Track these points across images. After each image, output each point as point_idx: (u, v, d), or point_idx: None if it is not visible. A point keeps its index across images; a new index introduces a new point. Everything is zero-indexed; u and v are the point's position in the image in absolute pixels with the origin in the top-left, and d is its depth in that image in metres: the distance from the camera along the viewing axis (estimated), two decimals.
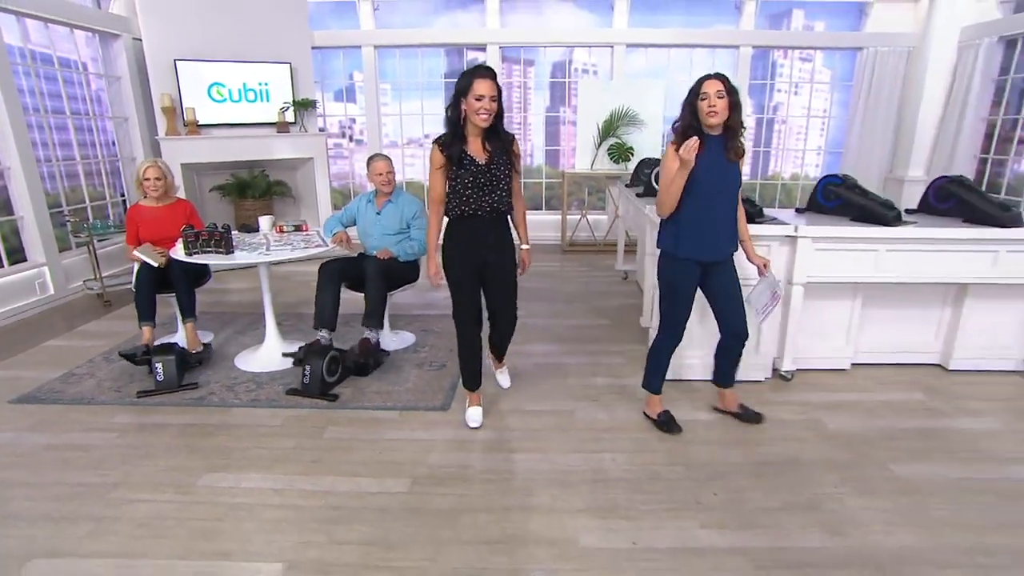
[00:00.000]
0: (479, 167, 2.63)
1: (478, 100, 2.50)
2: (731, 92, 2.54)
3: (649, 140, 6.76)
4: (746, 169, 7.45)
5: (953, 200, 3.60)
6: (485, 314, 3.05)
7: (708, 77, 2.59)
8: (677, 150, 2.52)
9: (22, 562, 2.04)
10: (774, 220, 3.36)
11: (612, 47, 7.00)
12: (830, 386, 3.47)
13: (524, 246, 2.98)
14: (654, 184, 4.26)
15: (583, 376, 3.60)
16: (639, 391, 3.13)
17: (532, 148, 7.59)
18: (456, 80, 2.58)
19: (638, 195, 4.51)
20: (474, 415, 2.98)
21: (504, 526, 2.24)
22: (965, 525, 2.28)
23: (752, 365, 3.42)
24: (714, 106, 2.51)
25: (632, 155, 6.58)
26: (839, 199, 3.56)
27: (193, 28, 5.81)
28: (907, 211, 3.87)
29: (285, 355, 3.61)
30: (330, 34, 7.02)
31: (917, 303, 3.68)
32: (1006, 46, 6.32)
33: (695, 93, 2.59)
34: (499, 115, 2.60)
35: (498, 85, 2.55)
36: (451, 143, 2.61)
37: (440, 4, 7.15)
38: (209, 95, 5.98)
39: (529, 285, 5.39)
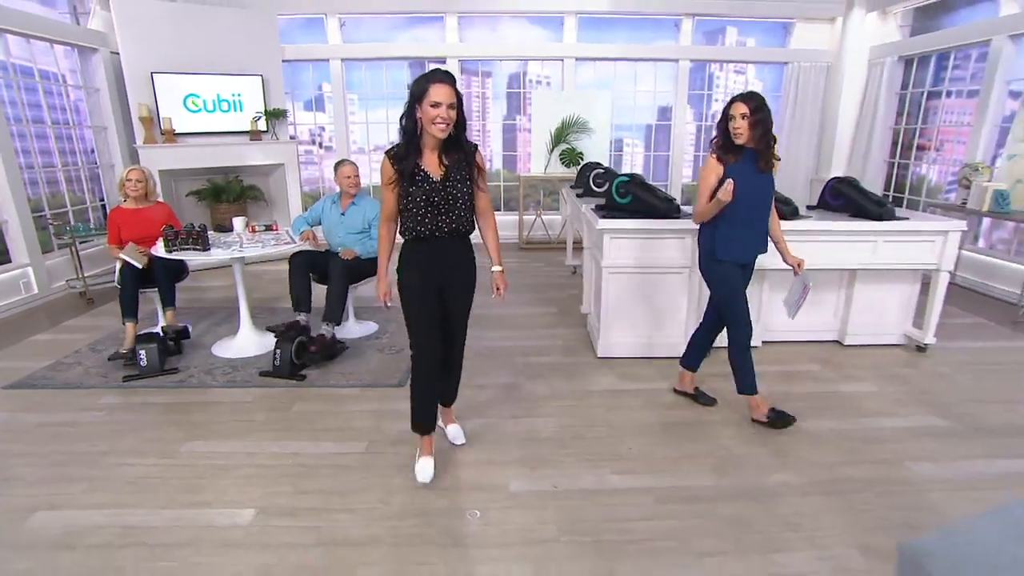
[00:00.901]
0: (433, 184, 2.23)
1: (434, 107, 2.12)
2: (756, 112, 2.62)
3: (598, 145, 7.12)
4: (687, 171, 7.98)
5: (843, 198, 4.02)
6: None
7: (736, 99, 2.68)
8: (718, 160, 2.74)
9: (28, 514, 2.28)
10: (688, 216, 3.73)
11: (563, 60, 7.36)
12: None
13: (496, 268, 2.54)
14: (592, 186, 4.60)
15: (528, 355, 3.92)
16: (576, 367, 3.46)
17: (491, 154, 7.91)
18: (412, 85, 2.20)
19: (578, 195, 4.84)
20: (425, 468, 2.49)
21: (446, 476, 2.55)
22: (830, 464, 2.67)
23: (673, 344, 3.79)
24: (738, 128, 2.63)
25: (582, 159, 6.92)
26: None
27: (169, 43, 5.96)
28: (808, 207, 4.29)
29: (268, 328, 3.86)
30: (300, 48, 7.23)
31: (817, 287, 4.08)
32: (906, 64, 6.86)
33: (725, 114, 2.70)
34: (460, 125, 2.23)
35: (457, 92, 2.19)
36: (404, 156, 2.22)
37: (403, 20, 7.41)
38: (185, 105, 6.14)
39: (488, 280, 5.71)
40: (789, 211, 3.74)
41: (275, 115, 6.61)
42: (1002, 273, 5.45)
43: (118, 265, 3.99)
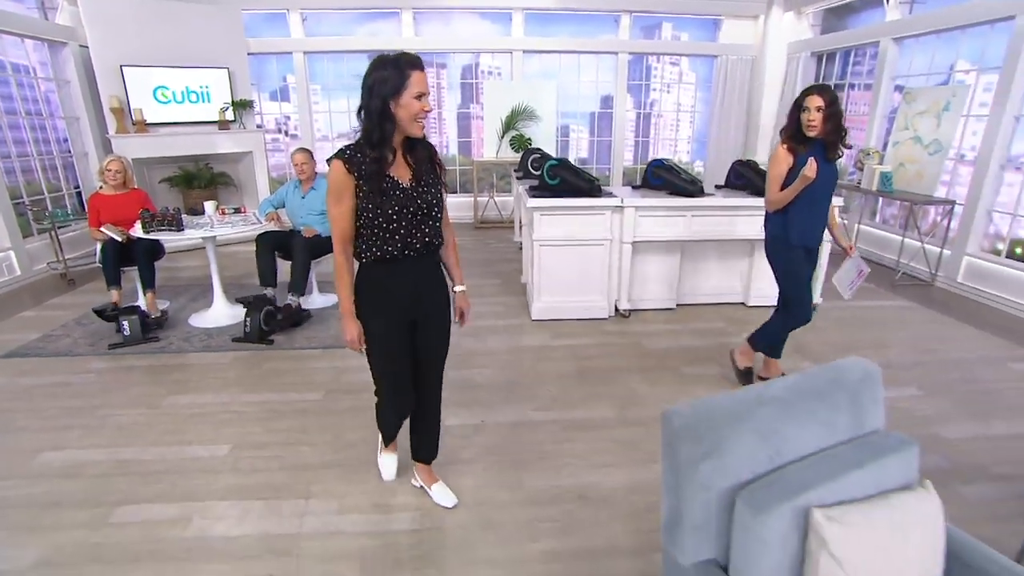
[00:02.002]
0: (405, 192, 1.80)
1: (419, 99, 1.72)
2: (831, 104, 2.59)
3: (545, 132, 7.46)
4: (628, 155, 8.40)
5: (743, 178, 4.48)
6: None
7: (811, 91, 2.64)
8: (789, 151, 2.71)
9: (35, 454, 2.59)
10: (609, 194, 4.13)
11: (511, 53, 7.65)
12: (656, 320, 4.31)
13: (459, 288, 2.10)
14: (530, 169, 4.96)
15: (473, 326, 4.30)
16: (512, 328, 3.86)
17: (447, 140, 8.20)
18: (372, 74, 1.69)
19: (519, 178, 5.21)
20: (389, 464, 2.37)
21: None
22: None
23: (597, 307, 4.22)
24: (812, 120, 2.60)
25: (530, 145, 7.26)
26: (660, 178, 4.36)
27: (136, 37, 6.06)
28: (716, 187, 4.73)
29: (238, 299, 4.14)
30: (264, 41, 7.36)
31: (726, 256, 4.56)
32: (818, 59, 7.37)
33: (798, 105, 2.66)
34: None
35: None
36: (373, 162, 1.73)
37: (362, 15, 7.60)
38: (155, 97, 6.26)
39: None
40: (695, 190, 4.18)
41: (242, 105, 6.77)
42: (888, 243, 6.04)
43: (99, 246, 4.21)
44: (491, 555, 2.01)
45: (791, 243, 2.86)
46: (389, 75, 1.68)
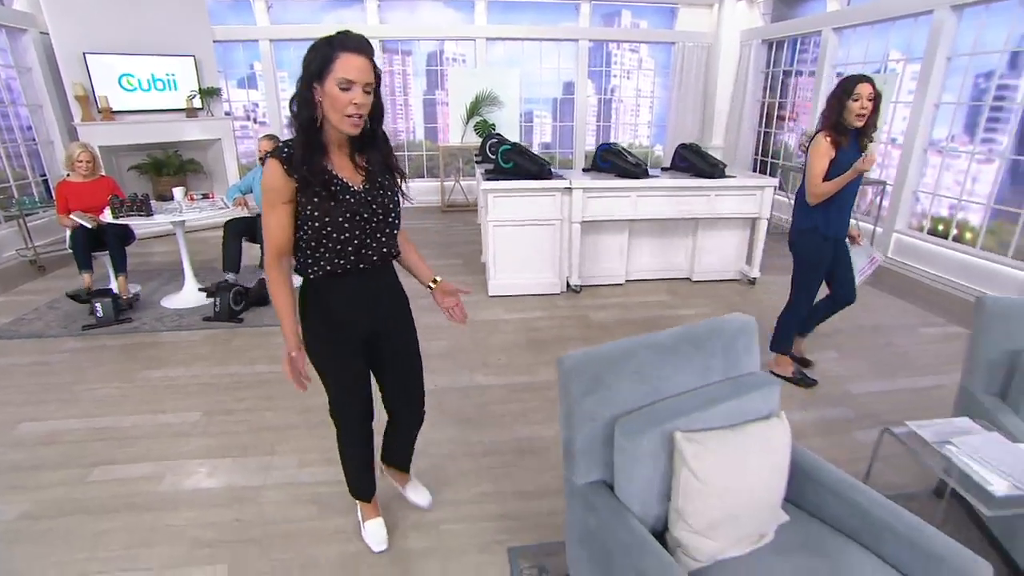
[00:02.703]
0: (357, 196, 1.53)
1: (344, 90, 1.39)
2: (878, 95, 2.60)
3: (509, 118, 7.63)
4: (591, 139, 8.60)
5: (687, 161, 4.73)
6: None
7: (861, 80, 2.58)
8: (832, 143, 2.65)
9: (15, 425, 2.75)
10: (559, 177, 4.35)
11: (475, 40, 7.77)
12: (605, 294, 4.57)
13: (437, 278, 1.92)
14: (488, 154, 5.13)
15: (430, 297, 4.50)
16: (469, 303, 4.02)
17: (413, 125, 8.32)
18: (309, 52, 1.42)
19: (478, 162, 5.40)
20: (376, 533, 2.00)
21: None
22: None
23: (550, 283, 4.46)
24: (865, 108, 2.57)
25: (494, 130, 7.43)
26: (608, 162, 4.59)
27: (99, 24, 6.03)
28: (663, 169, 4.98)
29: (200, 289, 4.29)
30: (229, 29, 7.36)
31: (671, 234, 4.83)
32: (769, 47, 7.63)
33: (847, 92, 2.59)
34: (378, 115, 1.53)
35: (376, 68, 1.46)
36: (306, 158, 1.45)
37: (327, 3, 7.64)
38: (120, 84, 6.26)
39: (413, 239, 6.25)
40: (640, 172, 4.42)
41: (209, 93, 6.79)
42: None
43: (68, 232, 4.30)
44: (438, 497, 2.24)
45: (827, 235, 2.85)
46: (318, 55, 1.39)
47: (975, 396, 2.12)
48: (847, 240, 3.03)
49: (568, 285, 4.58)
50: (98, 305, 3.91)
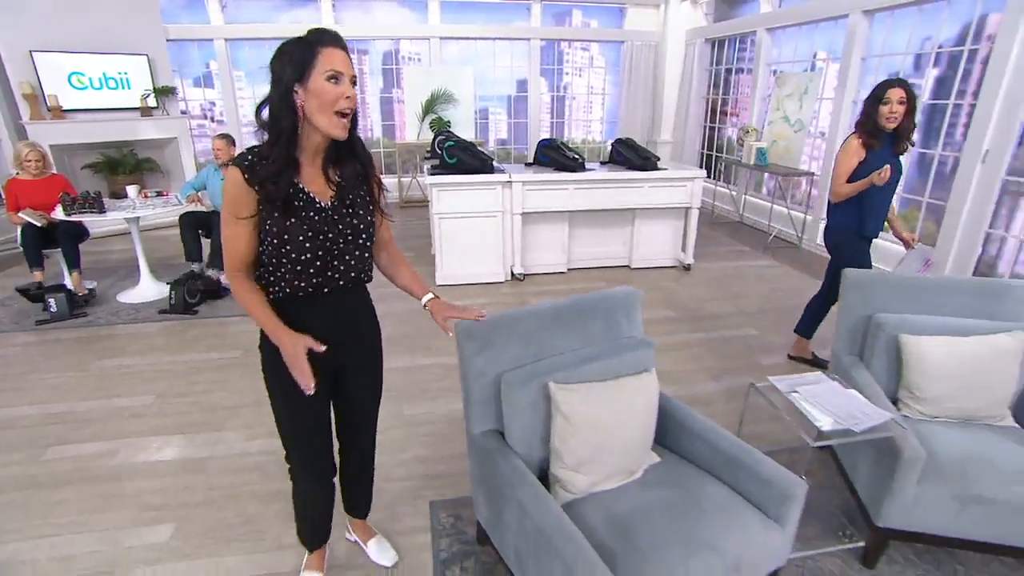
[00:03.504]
0: (324, 213, 1.40)
1: (332, 81, 1.28)
2: (911, 98, 2.61)
3: (464, 115, 7.82)
4: (544, 134, 8.86)
5: (622, 155, 5.03)
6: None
7: (892, 84, 2.63)
8: (863, 145, 2.75)
9: None
10: (500, 171, 4.59)
11: (429, 40, 7.96)
12: (547, 282, 4.84)
13: (428, 297, 1.67)
14: (437, 150, 5.34)
15: (380, 287, 4.70)
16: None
17: (371, 123, 8.47)
18: (276, 58, 1.29)
19: (426, 158, 5.61)
20: None
21: None
22: None
23: (494, 272, 4.71)
24: (894, 112, 2.61)
25: (449, 127, 7.63)
26: (548, 156, 4.86)
27: (46, 22, 6.00)
28: (601, 163, 5.26)
29: (168, 283, 4.40)
30: (183, 28, 7.40)
31: (610, 224, 5.12)
32: (712, 45, 8.00)
33: (878, 98, 2.65)
34: (355, 121, 1.40)
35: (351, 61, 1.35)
36: (277, 170, 1.32)
37: (282, 2, 7.72)
38: (70, 83, 6.25)
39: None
40: (577, 166, 4.69)
41: (163, 92, 6.83)
42: (766, 211, 6.78)
43: (19, 229, 4.37)
44: (376, 460, 2.47)
45: (864, 234, 2.91)
46: (292, 54, 1.26)
47: (840, 357, 2.44)
48: (903, 244, 3.07)
49: (512, 274, 4.84)
50: (51, 300, 4.01)
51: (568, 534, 1.40)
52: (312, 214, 1.38)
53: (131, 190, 4.76)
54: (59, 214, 4.15)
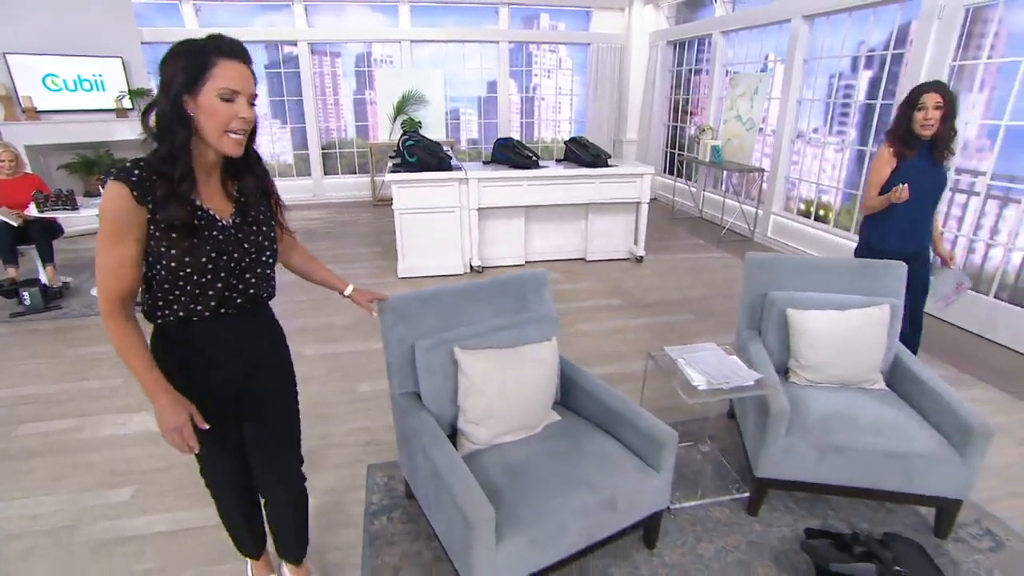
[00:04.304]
0: (225, 231, 1.32)
1: (226, 101, 1.21)
2: (949, 103, 2.41)
3: (434, 115, 8.05)
4: (516, 135, 9.11)
5: (575, 153, 5.29)
6: None
7: (928, 88, 2.43)
8: (894, 154, 2.57)
9: None
10: (458, 168, 4.83)
11: (400, 43, 8.18)
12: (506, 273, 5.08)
13: (348, 289, 1.78)
14: (400, 148, 5.56)
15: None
16: (380, 285, 4.50)
17: (345, 124, 8.67)
18: (171, 59, 1.20)
19: (391, 157, 5.83)
20: None
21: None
22: None
23: (453, 264, 4.95)
24: (930, 119, 2.42)
25: (420, 127, 7.86)
26: (504, 154, 5.10)
27: (20, 24, 6.13)
28: (557, 160, 5.52)
29: None
30: (158, 31, 7.55)
31: (565, 219, 5.38)
32: (674, 47, 8.29)
33: (912, 104, 2.47)
34: (253, 133, 1.33)
35: (255, 78, 1.27)
36: (170, 188, 1.22)
37: (255, 7, 7.90)
38: (44, 85, 6.39)
39: (343, 231, 6.66)
40: (531, 163, 4.95)
41: (138, 94, 6.99)
42: (724, 206, 7.08)
43: None
44: (324, 430, 2.71)
45: (883, 249, 2.70)
46: (191, 61, 1.18)
47: (742, 331, 2.71)
48: (936, 262, 2.79)
49: (471, 267, 5.08)
50: (25, 293, 4.19)
51: (458, 473, 1.65)
52: (215, 233, 1.30)
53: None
54: (32, 211, 4.33)
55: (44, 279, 4.60)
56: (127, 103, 6.93)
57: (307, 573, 1.89)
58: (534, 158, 4.99)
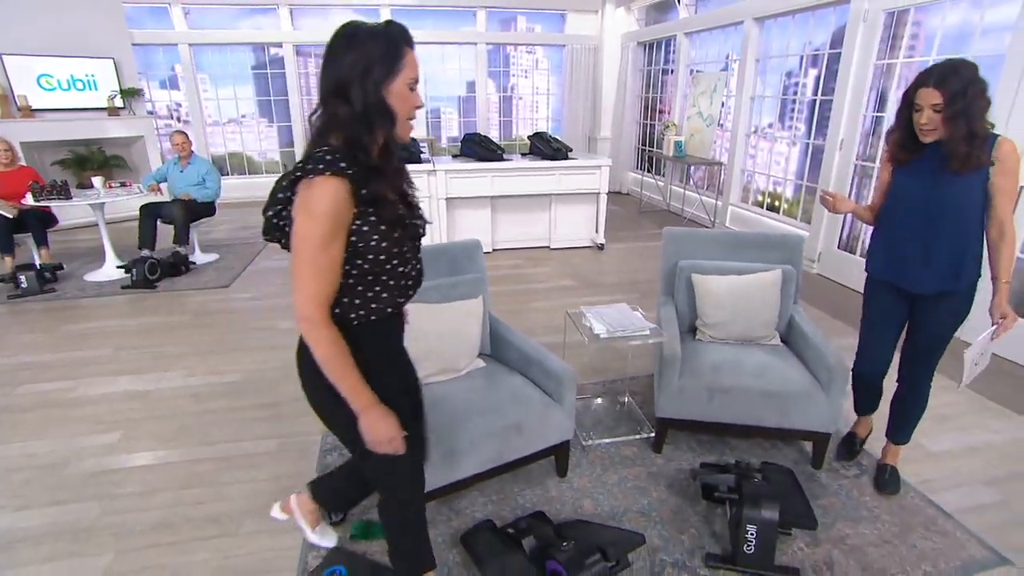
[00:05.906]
0: (406, 217, 1.29)
1: (412, 91, 1.23)
2: (954, 101, 1.78)
3: None
4: (494, 133, 9.45)
5: (538, 147, 5.64)
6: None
7: (923, 82, 1.85)
8: (888, 158, 2.09)
9: None
10: (427, 161, 5.17)
11: None
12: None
13: None
14: None
15: None
16: None
17: None
18: (353, 49, 1.14)
19: None
20: (327, 533, 1.97)
21: (252, 335, 3.89)
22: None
23: None
24: (925, 124, 1.87)
25: None
26: (472, 149, 5.45)
27: (15, 26, 6.43)
28: (522, 154, 5.87)
29: (119, 266, 4.92)
30: (148, 33, 7.87)
31: (531, 209, 5.72)
32: (645, 48, 8.65)
33: (908, 103, 1.93)
34: None
35: None
36: (384, 180, 1.21)
37: (243, 10, 8.23)
38: (39, 84, 6.70)
39: None
40: (496, 157, 5.29)
41: (130, 93, 7.32)
42: (688, 199, 7.44)
43: None
44: (294, 392, 3.06)
45: (871, 274, 2.25)
46: (379, 48, 1.15)
47: (660, 297, 3.06)
48: (993, 319, 1.98)
49: None
50: (22, 277, 4.51)
51: None
52: (414, 220, 1.31)
53: (96, 181, 5.26)
54: (28, 201, 4.65)
55: (38, 261, 4.92)
56: (118, 102, 7.25)
57: (320, 515, 1.96)
58: (499, 152, 5.33)
